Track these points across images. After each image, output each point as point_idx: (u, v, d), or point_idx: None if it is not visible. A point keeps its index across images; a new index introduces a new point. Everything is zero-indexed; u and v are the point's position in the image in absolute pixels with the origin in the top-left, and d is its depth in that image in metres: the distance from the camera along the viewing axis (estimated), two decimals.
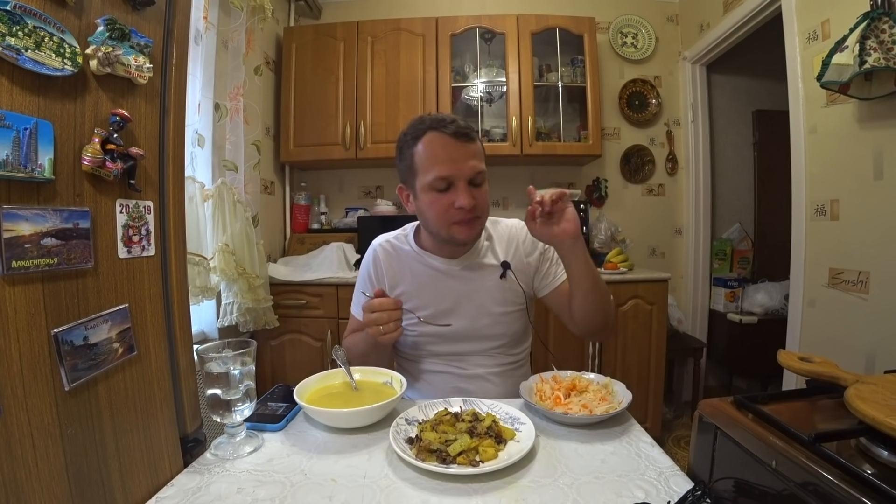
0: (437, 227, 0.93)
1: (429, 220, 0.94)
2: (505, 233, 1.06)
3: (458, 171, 0.89)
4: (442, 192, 0.90)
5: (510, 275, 1.00)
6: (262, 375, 2.04)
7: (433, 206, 0.91)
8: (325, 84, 2.39)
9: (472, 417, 0.72)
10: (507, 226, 1.07)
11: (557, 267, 1.03)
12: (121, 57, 0.56)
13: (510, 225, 1.07)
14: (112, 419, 0.56)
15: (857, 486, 0.41)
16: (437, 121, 0.90)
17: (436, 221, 0.92)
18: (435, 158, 0.89)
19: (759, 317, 2.47)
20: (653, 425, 2.14)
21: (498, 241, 1.04)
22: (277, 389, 0.91)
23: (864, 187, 1.48)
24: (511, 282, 1.00)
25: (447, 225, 0.92)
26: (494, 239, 1.04)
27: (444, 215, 0.91)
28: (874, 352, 1.45)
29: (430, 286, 1.00)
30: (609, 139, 2.70)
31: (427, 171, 0.90)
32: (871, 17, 1.24)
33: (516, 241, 1.04)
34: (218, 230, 1.67)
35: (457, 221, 0.91)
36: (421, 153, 0.90)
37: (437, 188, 0.90)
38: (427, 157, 0.90)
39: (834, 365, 0.62)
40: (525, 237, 1.04)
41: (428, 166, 0.89)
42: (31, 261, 0.46)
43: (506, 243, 1.04)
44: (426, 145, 0.90)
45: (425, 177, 0.90)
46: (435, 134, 0.89)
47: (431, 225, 0.94)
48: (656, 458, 0.65)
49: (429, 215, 0.93)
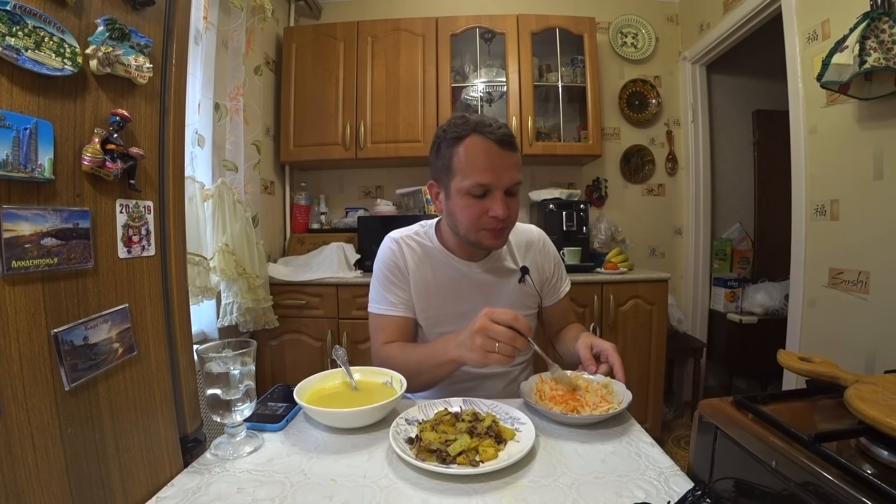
0: (467, 230, 0.92)
1: (459, 222, 0.92)
2: (524, 238, 1.07)
3: (498, 179, 0.87)
4: (477, 198, 0.88)
5: (528, 279, 1.02)
6: (262, 375, 2.04)
7: (466, 210, 0.89)
8: (325, 84, 2.39)
9: (472, 417, 0.72)
10: (524, 230, 1.09)
11: (562, 282, 1.10)
12: (121, 57, 0.56)
13: (527, 230, 1.09)
14: (112, 419, 0.56)
15: (857, 486, 0.41)
16: (482, 124, 0.87)
17: (466, 225, 0.91)
18: (476, 164, 0.87)
19: (759, 317, 2.47)
20: (653, 425, 2.14)
21: (517, 245, 1.06)
22: (277, 389, 0.91)
23: (864, 187, 1.48)
24: (528, 286, 1.02)
25: (476, 230, 0.91)
26: (513, 243, 1.05)
27: (476, 221, 0.89)
28: (874, 352, 1.45)
29: (451, 287, 1.00)
30: (609, 139, 2.70)
31: (466, 176, 0.87)
32: (871, 17, 1.24)
33: (535, 247, 1.07)
34: (218, 230, 1.67)
35: (487, 228, 0.90)
36: (462, 155, 0.88)
37: (473, 194, 0.88)
38: (468, 160, 0.87)
39: (834, 365, 0.62)
40: (543, 245, 1.08)
41: (468, 171, 0.87)
42: (31, 261, 0.46)
43: (524, 248, 1.06)
44: (468, 148, 0.87)
45: (464, 181, 0.88)
46: (479, 138, 0.86)
47: (461, 228, 0.93)
48: (656, 458, 0.65)
49: (460, 218, 0.91)
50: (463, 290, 1.00)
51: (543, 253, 1.08)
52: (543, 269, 1.07)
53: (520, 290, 1.02)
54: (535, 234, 1.09)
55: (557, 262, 1.09)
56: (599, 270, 2.20)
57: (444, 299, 1.00)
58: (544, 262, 1.08)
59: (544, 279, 1.08)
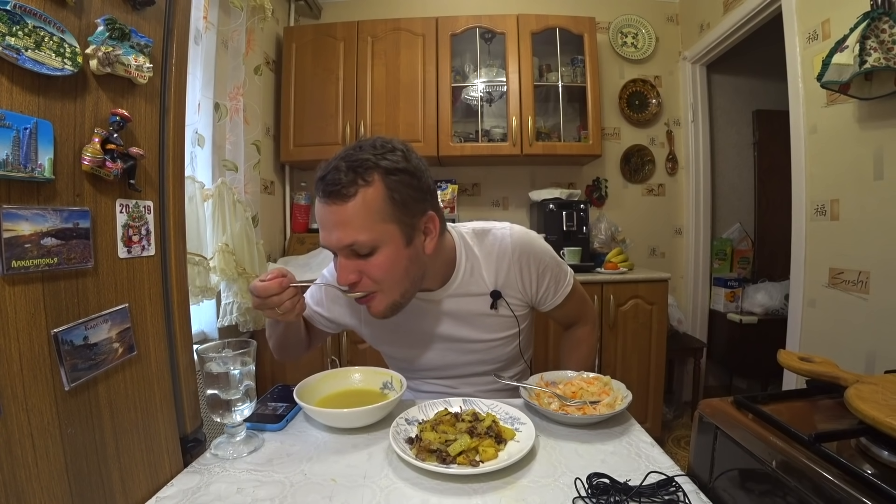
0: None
1: (428, 265, 0.82)
2: (493, 251, 0.89)
3: (326, 240, 0.76)
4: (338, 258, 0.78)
5: (501, 303, 0.89)
6: (262, 375, 2.04)
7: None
8: (325, 84, 2.39)
9: (472, 417, 0.72)
10: (496, 241, 0.90)
11: (560, 285, 0.94)
12: (121, 57, 0.56)
13: (499, 240, 0.90)
14: (112, 419, 0.56)
15: (857, 486, 0.41)
16: (321, 169, 0.74)
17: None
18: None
19: (760, 317, 2.47)
20: (653, 425, 2.14)
21: (485, 262, 0.89)
22: (277, 389, 0.91)
23: (864, 187, 1.48)
24: (503, 308, 0.90)
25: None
26: (481, 261, 0.89)
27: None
28: (874, 352, 1.45)
29: (410, 321, 0.89)
30: (609, 139, 2.70)
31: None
32: (871, 17, 1.24)
33: (508, 259, 0.89)
34: (218, 230, 1.67)
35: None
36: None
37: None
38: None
39: (834, 365, 0.62)
40: (520, 255, 0.89)
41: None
42: (31, 261, 0.46)
43: (495, 264, 0.89)
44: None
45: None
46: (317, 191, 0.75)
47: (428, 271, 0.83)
48: (656, 458, 0.65)
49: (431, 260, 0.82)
50: (423, 322, 0.90)
51: (522, 263, 0.89)
52: (525, 282, 0.90)
53: (492, 314, 0.89)
54: (510, 245, 0.88)
55: (546, 267, 0.91)
56: (599, 270, 2.20)
57: (399, 330, 0.91)
58: (525, 274, 0.90)
59: (530, 293, 0.92)
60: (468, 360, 0.93)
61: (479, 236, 0.91)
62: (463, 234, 0.91)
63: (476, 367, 0.95)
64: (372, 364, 0.93)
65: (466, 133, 2.52)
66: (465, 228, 0.93)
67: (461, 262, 0.88)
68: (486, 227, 0.93)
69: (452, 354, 0.93)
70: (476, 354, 0.93)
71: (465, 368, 0.95)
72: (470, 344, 0.92)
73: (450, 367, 0.94)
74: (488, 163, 2.63)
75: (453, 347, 0.92)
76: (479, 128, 2.46)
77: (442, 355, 0.93)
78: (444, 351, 0.92)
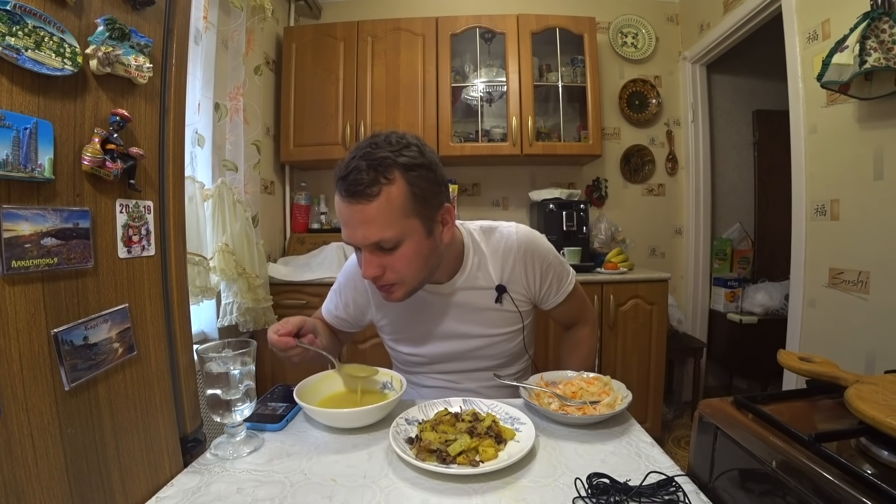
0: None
1: (441, 257, 0.85)
2: (500, 247, 0.93)
3: (351, 237, 0.78)
4: (359, 251, 0.82)
5: (506, 297, 0.92)
6: (262, 375, 2.04)
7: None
8: (325, 84, 2.39)
9: (472, 417, 0.72)
10: (503, 237, 0.93)
11: (562, 283, 0.97)
12: (121, 57, 0.56)
13: (506, 237, 0.93)
14: (112, 419, 0.56)
15: (857, 486, 0.41)
16: (340, 169, 0.76)
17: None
18: (339, 217, 0.79)
19: (759, 317, 2.47)
20: (653, 425, 2.14)
21: (492, 257, 0.92)
22: (277, 389, 0.91)
23: (864, 187, 1.48)
24: (507, 303, 0.93)
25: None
26: (487, 256, 0.92)
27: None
28: (874, 352, 1.45)
29: (420, 310, 0.93)
30: (609, 139, 2.70)
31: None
32: (871, 17, 1.24)
33: (513, 256, 0.92)
34: (218, 230, 1.67)
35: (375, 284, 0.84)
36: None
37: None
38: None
39: (834, 365, 0.62)
40: (525, 251, 0.92)
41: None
42: (31, 261, 0.46)
43: (501, 259, 0.92)
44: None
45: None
46: (337, 188, 0.77)
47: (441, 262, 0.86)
48: (656, 458, 0.65)
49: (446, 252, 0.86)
50: (431, 314, 0.93)
51: (527, 260, 0.92)
52: (530, 279, 0.93)
53: (497, 308, 0.92)
54: (515, 242, 0.92)
55: (549, 265, 0.94)
56: (599, 270, 2.20)
57: (409, 322, 0.95)
58: (529, 271, 0.93)
59: (533, 290, 0.95)
60: (472, 355, 0.95)
61: (486, 233, 0.95)
62: (471, 231, 0.95)
63: (479, 363, 0.96)
64: (372, 364, 0.93)
65: (466, 133, 2.52)
66: (472, 225, 0.97)
67: (469, 256, 0.91)
68: (493, 225, 0.96)
69: (457, 347, 0.95)
70: (480, 350, 0.95)
71: (468, 363, 0.96)
72: (474, 339, 0.94)
73: (454, 360, 0.96)
74: (488, 163, 2.63)
75: (458, 341, 0.94)
76: (479, 128, 2.46)
77: (447, 347, 0.95)
78: (449, 343, 0.95)
